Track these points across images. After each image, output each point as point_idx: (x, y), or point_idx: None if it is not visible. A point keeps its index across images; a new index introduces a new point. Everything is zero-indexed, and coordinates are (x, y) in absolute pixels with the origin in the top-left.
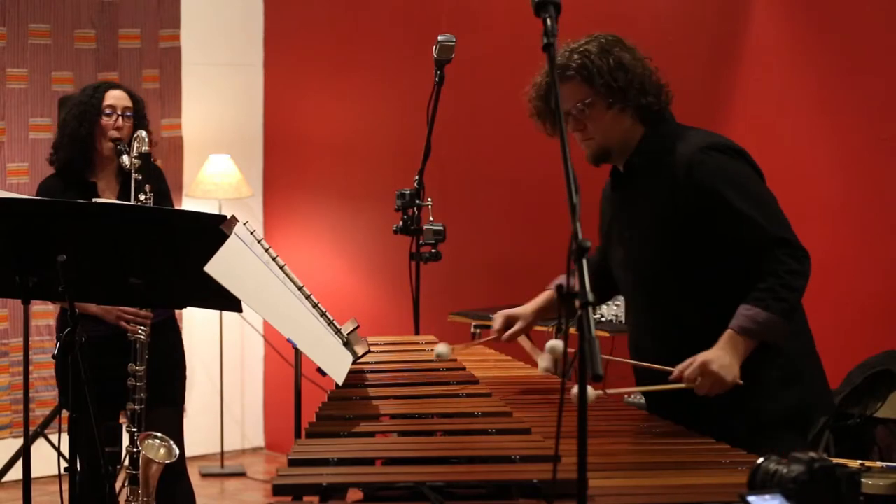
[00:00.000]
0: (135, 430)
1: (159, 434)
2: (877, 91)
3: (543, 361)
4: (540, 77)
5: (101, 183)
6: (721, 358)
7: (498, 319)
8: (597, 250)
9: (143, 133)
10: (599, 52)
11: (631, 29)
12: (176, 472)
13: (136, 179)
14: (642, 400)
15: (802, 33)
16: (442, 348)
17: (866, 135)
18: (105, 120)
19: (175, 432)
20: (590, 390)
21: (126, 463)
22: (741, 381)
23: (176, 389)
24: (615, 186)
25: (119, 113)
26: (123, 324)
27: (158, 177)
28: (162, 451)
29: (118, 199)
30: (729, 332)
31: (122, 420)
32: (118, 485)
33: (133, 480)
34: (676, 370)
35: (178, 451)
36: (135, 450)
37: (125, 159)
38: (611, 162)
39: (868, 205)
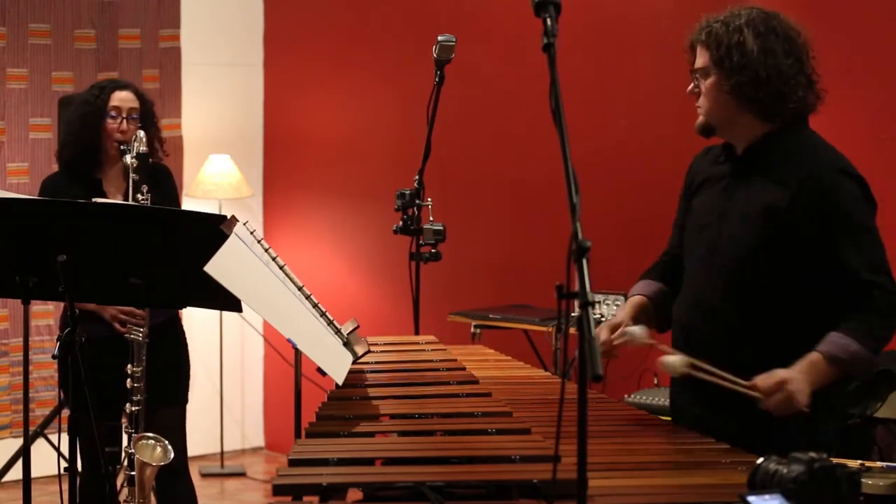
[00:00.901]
0: (132, 430)
1: (153, 435)
2: (877, 91)
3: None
4: (707, 19)
5: (108, 181)
6: (799, 381)
7: (605, 331)
8: (674, 239)
9: (142, 134)
10: (734, 27)
11: (630, 29)
12: (177, 472)
13: (133, 180)
14: (643, 399)
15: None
16: (637, 330)
17: (866, 135)
18: (110, 123)
19: (178, 432)
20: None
21: (126, 463)
22: (807, 410)
23: (179, 390)
24: (728, 164)
25: (124, 115)
26: (117, 325)
27: (166, 177)
28: (158, 451)
29: (125, 196)
30: (816, 355)
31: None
32: (118, 485)
33: (132, 481)
34: (755, 380)
35: (172, 452)
36: (131, 451)
37: (128, 159)
38: (719, 137)
39: None
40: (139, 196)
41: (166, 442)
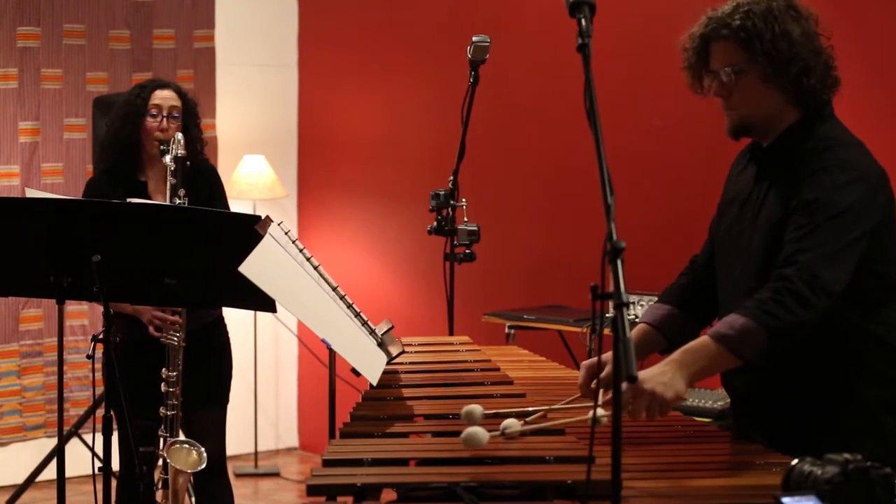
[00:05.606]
0: (167, 434)
1: (187, 439)
2: None
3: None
4: (697, 27)
5: (151, 182)
6: (659, 375)
7: (583, 372)
8: (703, 251)
9: (180, 136)
10: (765, 16)
11: (664, 29)
12: (216, 474)
13: (171, 184)
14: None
15: (837, 43)
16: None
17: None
18: (150, 121)
19: (219, 433)
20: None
21: (161, 464)
22: (686, 398)
23: (223, 391)
24: (754, 162)
25: (165, 114)
26: (152, 329)
27: (214, 177)
28: (193, 456)
29: (168, 198)
30: (703, 338)
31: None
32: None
33: (166, 484)
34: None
35: (206, 457)
36: (164, 455)
37: (167, 159)
38: (751, 137)
39: None
40: (177, 200)
41: (201, 447)
